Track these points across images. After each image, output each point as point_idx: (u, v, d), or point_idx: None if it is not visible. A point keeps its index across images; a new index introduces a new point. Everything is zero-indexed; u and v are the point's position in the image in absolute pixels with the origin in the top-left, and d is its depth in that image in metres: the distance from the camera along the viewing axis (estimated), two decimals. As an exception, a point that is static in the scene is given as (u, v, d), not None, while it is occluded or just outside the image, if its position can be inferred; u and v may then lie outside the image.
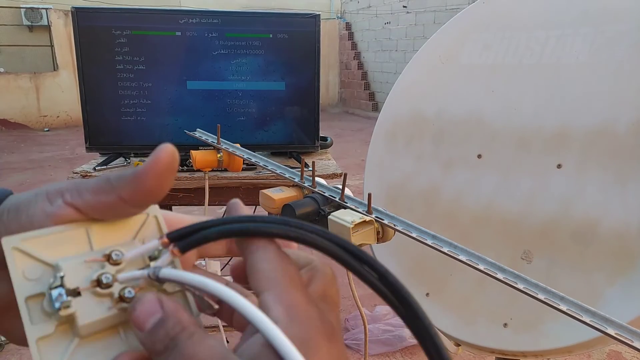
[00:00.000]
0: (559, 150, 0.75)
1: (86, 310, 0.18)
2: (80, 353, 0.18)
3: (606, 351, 1.60)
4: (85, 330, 0.18)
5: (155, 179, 0.19)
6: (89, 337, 0.18)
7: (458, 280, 0.82)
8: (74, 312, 0.18)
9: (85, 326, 0.18)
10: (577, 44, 0.77)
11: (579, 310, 0.44)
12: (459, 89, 0.92)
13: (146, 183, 0.19)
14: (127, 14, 1.15)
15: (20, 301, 0.18)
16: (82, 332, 0.18)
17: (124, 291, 0.18)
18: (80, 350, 0.18)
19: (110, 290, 0.18)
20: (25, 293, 0.18)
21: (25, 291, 0.18)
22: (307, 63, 1.20)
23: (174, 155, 0.19)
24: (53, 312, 0.18)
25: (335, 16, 8.81)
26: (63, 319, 0.18)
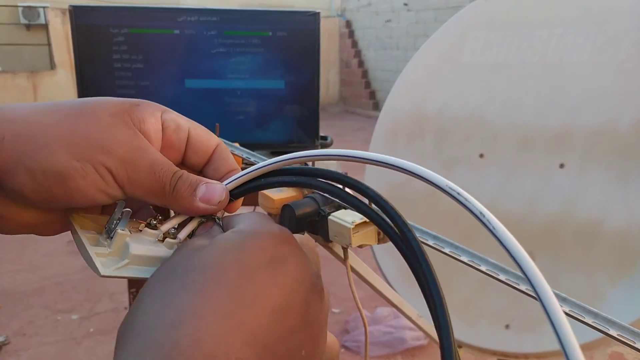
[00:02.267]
0: (562, 150, 0.75)
1: (137, 240, 0.22)
2: (129, 268, 0.22)
3: (608, 352, 1.60)
4: (135, 250, 0.22)
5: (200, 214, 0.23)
6: (136, 262, 0.22)
7: (460, 282, 0.81)
8: (127, 235, 0.22)
9: (135, 248, 0.22)
10: (579, 43, 0.76)
11: (581, 311, 0.44)
12: (460, 88, 0.91)
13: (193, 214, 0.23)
14: (125, 12, 1.14)
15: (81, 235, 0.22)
16: (132, 253, 0.22)
17: (169, 231, 0.23)
18: (128, 267, 0.22)
19: (156, 232, 0.23)
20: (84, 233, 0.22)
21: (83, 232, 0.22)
22: (307, 61, 1.19)
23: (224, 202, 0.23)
24: (108, 243, 0.22)
25: (336, 14, 8.79)
26: (116, 245, 0.22)
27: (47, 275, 2.20)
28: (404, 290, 0.86)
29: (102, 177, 0.21)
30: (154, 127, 0.23)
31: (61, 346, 1.67)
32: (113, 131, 0.21)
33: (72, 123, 0.21)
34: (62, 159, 0.20)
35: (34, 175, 0.20)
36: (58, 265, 2.27)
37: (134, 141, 0.22)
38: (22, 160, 0.20)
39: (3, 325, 1.78)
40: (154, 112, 0.23)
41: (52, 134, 0.20)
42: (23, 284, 2.12)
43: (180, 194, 0.22)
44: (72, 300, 1.97)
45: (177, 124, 0.24)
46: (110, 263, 0.21)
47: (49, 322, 1.81)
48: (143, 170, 0.22)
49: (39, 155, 0.20)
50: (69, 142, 0.20)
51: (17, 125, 0.20)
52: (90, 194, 0.21)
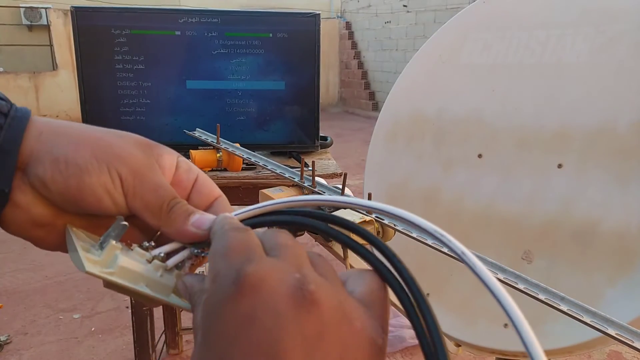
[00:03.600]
0: (560, 150, 0.75)
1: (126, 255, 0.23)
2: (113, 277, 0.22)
3: (606, 351, 1.60)
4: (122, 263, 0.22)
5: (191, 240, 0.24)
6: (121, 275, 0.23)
7: (458, 281, 0.82)
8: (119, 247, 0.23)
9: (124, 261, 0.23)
10: (577, 44, 0.77)
11: (580, 310, 0.44)
12: (459, 89, 0.92)
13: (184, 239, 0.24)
14: (127, 14, 1.14)
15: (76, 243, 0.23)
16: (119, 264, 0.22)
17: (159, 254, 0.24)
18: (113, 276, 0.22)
19: (147, 253, 0.24)
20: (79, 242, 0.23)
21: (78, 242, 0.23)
22: (307, 62, 1.19)
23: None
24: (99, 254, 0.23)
25: (335, 15, 8.80)
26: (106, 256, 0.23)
27: (49, 274, 2.20)
28: (403, 289, 0.87)
29: (112, 180, 0.23)
30: (169, 163, 0.26)
31: (63, 345, 1.68)
32: (133, 149, 0.25)
33: (100, 135, 0.25)
34: (84, 155, 0.23)
35: (58, 163, 0.23)
36: (60, 264, 2.27)
37: (148, 162, 0.25)
38: (52, 150, 0.23)
39: (5, 324, 1.79)
40: (172, 152, 0.27)
41: (82, 136, 0.24)
42: (25, 283, 2.13)
43: (174, 215, 0.24)
44: (74, 299, 1.98)
45: (189, 166, 0.27)
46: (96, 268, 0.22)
47: (50, 321, 1.82)
48: (148, 186, 0.24)
49: (66, 148, 0.23)
50: (95, 145, 0.24)
51: (54, 125, 0.24)
52: (99, 192, 0.23)
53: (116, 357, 1.60)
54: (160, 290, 0.24)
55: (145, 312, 1.27)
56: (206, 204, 0.27)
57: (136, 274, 0.23)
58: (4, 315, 1.85)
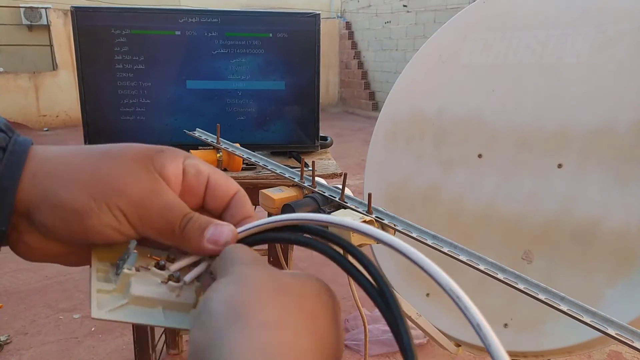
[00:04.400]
0: (560, 150, 0.75)
1: (140, 280, 0.23)
2: (125, 310, 0.22)
3: (606, 351, 1.60)
4: (136, 291, 0.22)
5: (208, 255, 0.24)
6: (136, 303, 0.22)
7: (458, 281, 0.82)
8: (132, 275, 0.23)
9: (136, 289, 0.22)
10: (577, 44, 0.77)
11: (580, 310, 0.44)
12: (459, 89, 0.92)
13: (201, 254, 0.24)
14: (127, 14, 1.14)
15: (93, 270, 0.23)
16: (132, 293, 0.22)
17: (174, 274, 0.24)
18: (126, 308, 0.22)
19: (163, 273, 0.23)
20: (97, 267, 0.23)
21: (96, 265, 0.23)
22: (307, 62, 1.19)
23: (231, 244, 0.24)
24: (115, 279, 0.23)
25: (335, 15, 8.80)
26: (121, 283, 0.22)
27: (49, 274, 2.20)
28: (403, 289, 0.87)
29: (115, 217, 0.22)
30: (175, 171, 0.24)
31: (63, 345, 1.67)
32: (131, 175, 0.23)
33: (95, 166, 0.23)
34: (80, 198, 0.22)
35: (56, 210, 0.22)
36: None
37: (150, 185, 0.23)
38: (48, 196, 0.22)
39: (5, 324, 1.79)
40: (177, 158, 0.25)
41: (75, 174, 0.23)
42: (25, 283, 2.13)
43: (188, 235, 0.23)
44: (74, 299, 1.98)
45: (197, 169, 0.25)
46: (109, 301, 0.22)
47: (50, 321, 1.82)
48: (154, 213, 0.23)
49: (61, 194, 0.22)
50: (89, 183, 0.22)
51: (47, 165, 0.23)
52: (105, 231, 0.23)
53: (116, 357, 1.60)
54: (180, 308, 0.23)
55: (145, 312, 1.27)
56: (223, 205, 0.26)
57: (151, 299, 0.23)
58: (4, 315, 1.85)
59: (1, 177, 0.22)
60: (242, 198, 0.26)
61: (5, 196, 0.22)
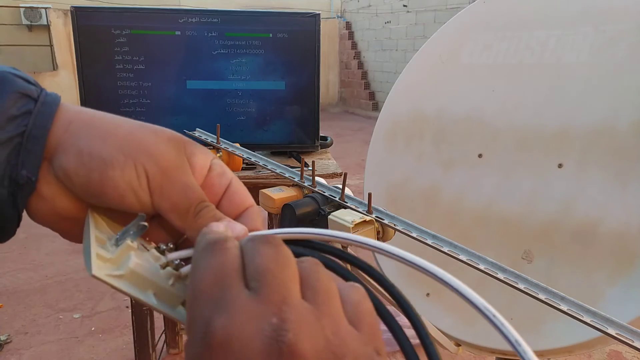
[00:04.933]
0: (560, 150, 0.75)
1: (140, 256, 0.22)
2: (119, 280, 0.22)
3: (607, 351, 1.60)
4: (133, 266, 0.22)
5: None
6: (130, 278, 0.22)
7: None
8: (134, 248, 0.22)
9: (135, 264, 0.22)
10: (577, 44, 0.77)
11: (580, 310, 0.44)
12: (459, 89, 0.92)
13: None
14: (127, 14, 1.14)
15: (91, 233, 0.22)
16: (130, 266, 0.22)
17: (174, 261, 0.23)
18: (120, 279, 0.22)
19: (161, 257, 0.23)
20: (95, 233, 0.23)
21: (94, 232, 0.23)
22: (307, 62, 1.19)
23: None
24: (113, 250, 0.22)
25: (335, 15, 8.80)
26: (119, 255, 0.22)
27: (49, 274, 2.20)
28: (403, 289, 0.87)
29: (138, 176, 0.22)
30: (201, 163, 0.25)
31: (63, 345, 1.68)
32: (164, 146, 0.23)
33: (132, 129, 0.23)
34: (109, 148, 0.22)
35: (82, 155, 0.22)
36: (60, 264, 2.27)
37: (179, 161, 0.23)
38: (78, 141, 0.22)
39: (5, 324, 1.79)
40: (207, 153, 0.25)
41: (111, 128, 0.23)
42: (25, 283, 2.13)
43: (201, 220, 0.23)
44: (74, 299, 1.98)
45: (223, 170, 0.25)
46: (105, 267, 0.21)
47: (50, 321, 1.82)
48: (176, 186, 0.23)
49: (93, 140, 0.22)
50: (122, 138, 0.23)
51: (84, 116, 0.23)
52: (122, 188, 0.22)
53: (116, 356, 1.60)
54: (169, 299, 0.23)
55: (145, 312, 1.27)
56: (236, 213, 0.25)
57: (146, 279, 0.22)
58: (4, 315, 1.85)
59: (33, 126, 0.22)
60: (256, 213, 0.25)
61: (36, 145, 0.22)
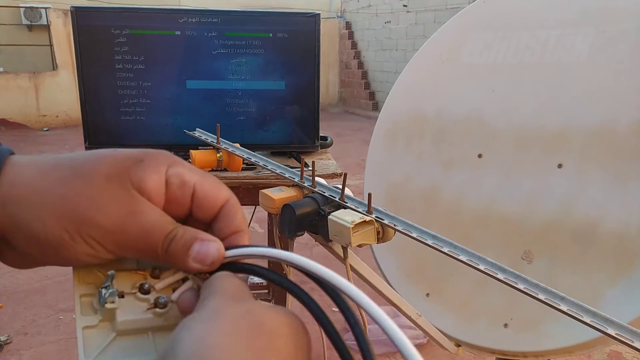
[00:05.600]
0: (560, 150, 0.75)
1: (126, 310, 0.22)
2: (115, 346, 0.22)
3: (607, 351, 1.60)
4: (122, 325, 0.22)
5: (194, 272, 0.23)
6: (124, 335, 0.22)
7: (458, 281, 0.82)
8: (116, 307, 0.22)
9: (123, 322, 0.22)
10: (577, 44, 0.77)
11: (580, 310, 0.44)
12: (459, 89, 0.92)
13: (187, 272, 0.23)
14: (127, 13, 1.14)
15: (76, 297, 0.23)
16: (119, 327, 0.22)
17: (159, 299, 0.23)
18: (116, 343, 0.22)
19: (148, 297, 0.23)
20: (80, 292, 0.23)
21: (80, 290, 0.23)
22: (307, 62, 1.19)
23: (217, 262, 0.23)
24: (100, 309, 0.22)
25: (335, 15, 8.79)
26: (107, 315, 0.22)
27: (49, 274, 2.20)
28: (403, 289, 0.87)
29: (90, 246, 0.22)
30: (155, 184, 0.23)
31: (62, 345, 1.67)
32: (105, 198, 0.22)
33: (65, 189, 0.22)
34: (53, 231, 0.21)
35: (30, 241, 0.22)
36: (59, 265, 2.27)
37: (126, 206, 0.22)
38: (20, 227, 0.21)
39: (5, 325, 1.79)
40: (158, 167, 0.23)
41: (46, 202, 0.21)
42: (25, 283, 2.13)
43: (173, 254, 0.22)
44: (74, 300, 1.98)
45: (181, 179, 0.23)
46: (96, 339, 0.22)
47: (50, 321, 1.82)
48: (133, 237, 0.22)
49: (33, 226, 0.21)
50: (60, 212, 0.21)
51: (17, 190, 0.22)
52: (82, 259, 0.22)
53: (116, 357, 1.60)
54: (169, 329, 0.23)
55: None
56: (211, 216, 0.24)
57: (139, 329, 0.23)
58: (4, 315, 1.85)
59: None
60: (232, 208, 0.24)
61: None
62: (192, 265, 0.22)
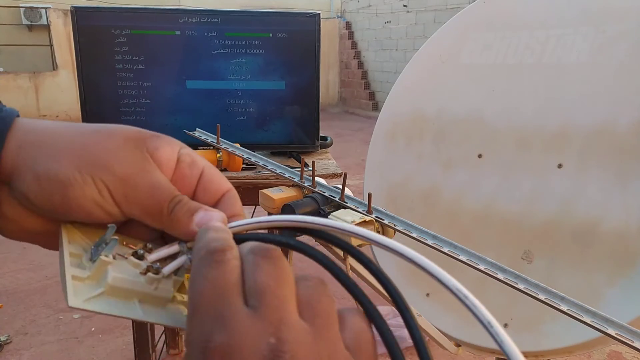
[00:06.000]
0: (560, 150, 0.75)
1: (118, 269, 0.22)
2: (101, 300, 0.21)
3: (606, 351, 1.60)
4: (113, 281, 0.21)
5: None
6: (111, 295, 0.21)
7: (458, 281, 0.82)
8: (109, 263, 0.22)
9: (114, 278, 0.21)
10: (577, 44, 0.77)
11: (580, 310, 0.44)
12: (459, 89, 0.92)
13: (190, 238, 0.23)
14: (127, 13, 1.14)
15: (64, 251, 0.22)
16: (110, 283, 0.21)
17: (153, 266, 0.22)
18: (103, 298, 0.21)
19: (141, 263, 0.22)
20: (70, 250, 0.22)
21: (69, 248, 0.22)
22: (307, 62, 1.19)
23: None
24: (89, 266, 0.22)
25: (335, 15, 8.80)
26: (96, 271, 0.22)
27: (49, 274, 2.20)
28: (403, 289, 0.87)
29: (99, 191, 0.22)
30: (168, 155, 0.24)
31: (63, 345, 1.68)
32: (121, 152, 0.22)
33: (85, 139, 0.22)
34: (65, 169, 0.21)
35: (39, 179, 0.21)
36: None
37: (139, 163, 0.23)
38: (32, 165, 0.21)
39: (5, 324, 1.79)
40: (172, 144, 0.25)
41: (64, 146, 0.22)
42: (25, 283, 2.13)
43: (177, 216, 0.22)
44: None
45: (192, 159, 0.25)
46: (84, 290, 0.21)
47: (50, 321, 1.82)
48: (142, 191, 0.22)
49: (46, 163, 0.21)
50: (77, 155, 0.22)
51: (34, 135, 0.22)
52: (87, 205, 0.22)
53: (116, 357, 1.60)
54: (156, 302, 0.23)
55: (145, 312, 1.27)
56: (213, 201, 0.25)
57: (128, 290, 0.22)
58: (4, 315, 1.85)
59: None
60: (234, 197, 0.25)
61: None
62: (194, 229, 0.22)
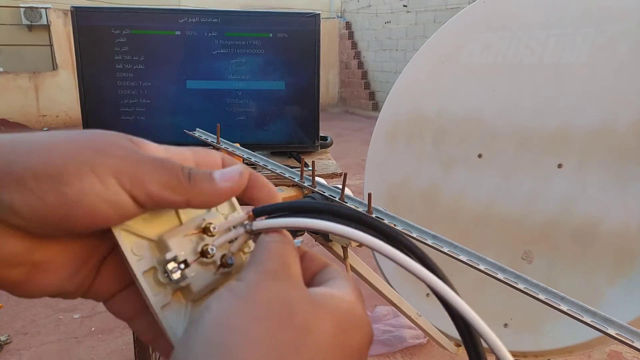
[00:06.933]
0: (560, 150, 0.75)
1: (197, 278, 0.21)
2: (193, 313, 0.21)
3: (607, 351, 1.60)
4: (199, 295, 0.21)
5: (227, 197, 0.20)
6: (198, 300, 0.21)
7: (458, 281, 0.82)
8: (189, 283, 0.20)
9: (199, 292, 0.21)
10: (577, 44, 0.77)
11: (580, 310, 0.44)
12: (459, 89, 0.92)
13: (219, 199, 0.20)
14: (127, 14, 1.14)
15: (139, 276, 0.20)
16: (196, 297, 0.21)
17: (226, 259, 0.21)
18: (193, 311, 0.21)
19: (214, 259, 0.21)
20: (141, 268, 0.20)
21: (140, 267, 0.20)
22: (307, 62, 1.19)
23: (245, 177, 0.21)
24: (167, 283, 0.20)
25: (335, 15, 8.80)
26: (178, 288, 0.21)
27: (49, 275, 2.20)
28: (403, 289, 0.87)
29: (101, 180, 0.17)
30: (154, 145, 0.21)
31: (63, 345, 1.68)
32: (109, 137, 0.19)
33: (66, 135, 0.19)
34: (55, 161, 0.17)
35: (25, 182, 0.17)
36: (59, 265, 2.27)
37: (131, 146, 0.20)
38: (11, 168, 0.17)
39: (5, 324, 1.79)
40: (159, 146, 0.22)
41: (46, 141, 0.18)
42: (24, 284, 2.13)
43: (198, 181, 0.20)
44: (74, 299, 1.98)
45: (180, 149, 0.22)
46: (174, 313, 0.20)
47: (50, 321, 1.82)
48: (147, 165, 0.19)
49: (29, 160, 0.17)
50: (64, 147, 0.18)
51: (9, 138, 0.18)
52: (90, 202, 0.17)
53: (116, 357, 1.60)
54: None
55: (145, 312, 1.27)
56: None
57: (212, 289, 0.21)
58: (4, 315, 1.85)
59: None
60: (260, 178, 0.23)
61: None
62: (221, 184, 0.20)
